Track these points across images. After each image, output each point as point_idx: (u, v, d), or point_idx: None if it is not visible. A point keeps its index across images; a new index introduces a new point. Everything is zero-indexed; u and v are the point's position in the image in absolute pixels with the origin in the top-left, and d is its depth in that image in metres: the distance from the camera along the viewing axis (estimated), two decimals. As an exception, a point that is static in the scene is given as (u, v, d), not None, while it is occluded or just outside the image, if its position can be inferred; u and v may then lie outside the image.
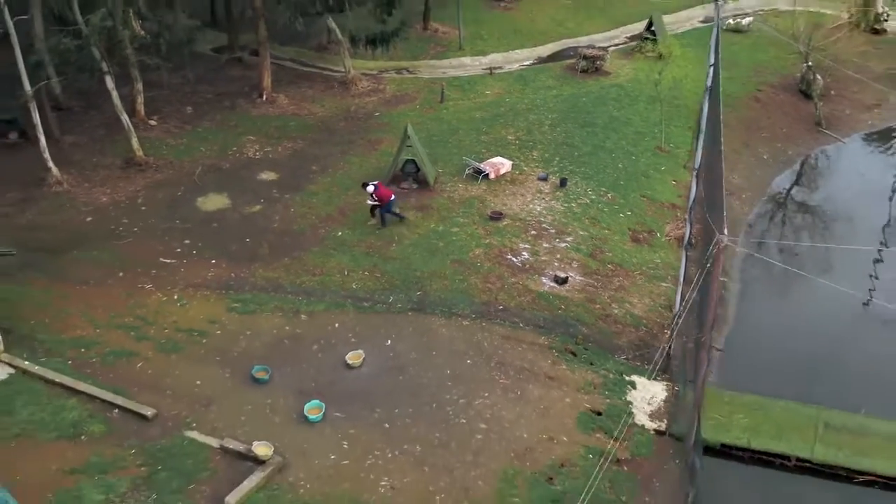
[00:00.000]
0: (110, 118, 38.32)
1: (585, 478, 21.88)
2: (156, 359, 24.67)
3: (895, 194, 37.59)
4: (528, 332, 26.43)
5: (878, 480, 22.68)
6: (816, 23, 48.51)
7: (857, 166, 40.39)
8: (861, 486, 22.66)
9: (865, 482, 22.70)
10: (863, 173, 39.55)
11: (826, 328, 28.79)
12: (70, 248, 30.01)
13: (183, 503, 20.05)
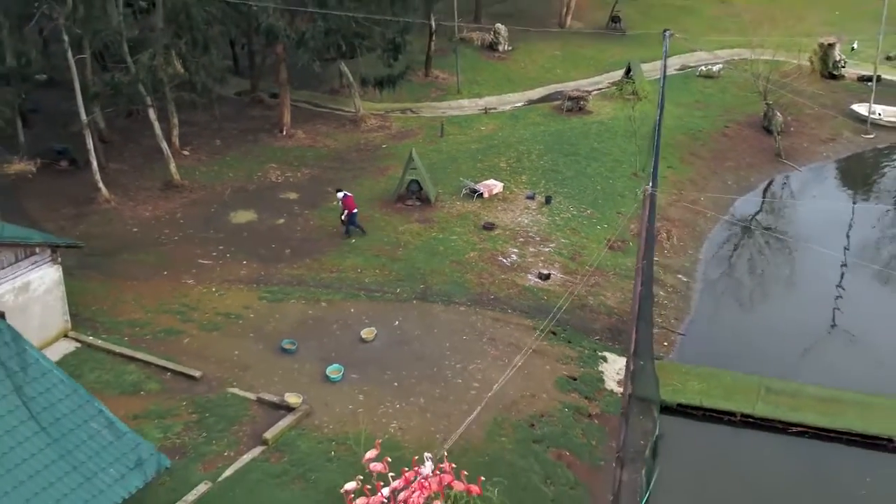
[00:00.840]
0: (148, 149, 43.06)
1: (562, 426, 26.11)
2: (199, 336, 28.93)
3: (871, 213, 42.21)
4: (515, 316, 30.73)
5: (807, 430, 26.80)
6: (780, 69, 53.55)
7: (811, 189, 45.05)
8: (794, 436, 26.77)
9: (797, 432, 26.82)
10: (814, 195, 44.21)
11: (772, 318, 33.24)
12: (120, 252, 34.42)
13: (228, 440, 24.16)
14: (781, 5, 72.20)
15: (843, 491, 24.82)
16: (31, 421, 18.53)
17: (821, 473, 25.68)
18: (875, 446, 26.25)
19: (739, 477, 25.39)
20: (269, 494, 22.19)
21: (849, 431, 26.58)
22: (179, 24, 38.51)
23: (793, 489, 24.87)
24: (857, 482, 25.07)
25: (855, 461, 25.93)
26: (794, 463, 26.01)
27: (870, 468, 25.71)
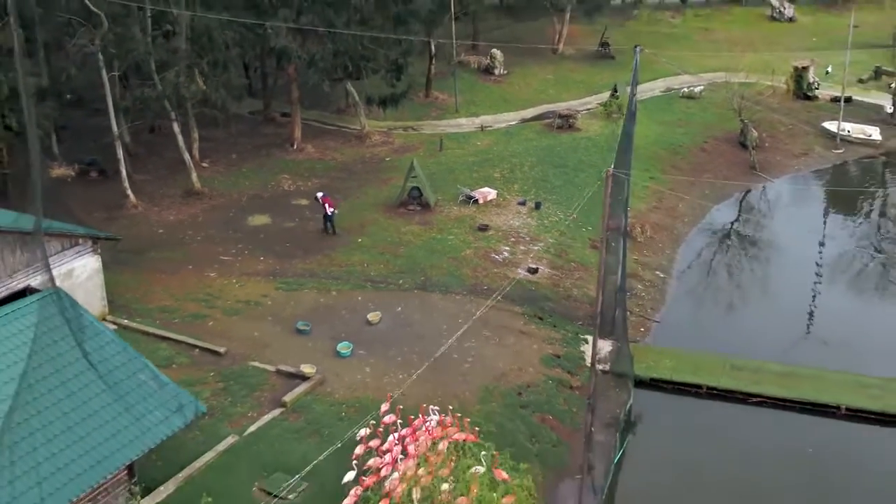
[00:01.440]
0: (169, 161, 46.44)
1: (546, 395, 29.20)
2: (223, 319, 32.10)
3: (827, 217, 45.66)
4: (506, 304, 33.79)
5: (767, 400, 29.90)
6: (756, 90, 57.14)
7: (782, 199, 48.42)
8: (754, 405, 29.86)
9: (758, 402, 29.91)
10: (786, 204, 47.57)
11: (738, 307, 36.58)
12: (148, 250, 37.65)
13: (251, 403, 27.26)
14: (761, 32, 76.37)
15: (797, 451, 27.86)
16: (90, 371, 21.62)
17: (777, 437, 28.71)
18: (825, 413, 29.37)
19: (705, 440, 28.49)
20: (288, 446, 25.26)
21: (802, 400, 29.73)
22: (202, 46, 41.98)
23: (753, 450, 27.88)
24: (808, 443, 28.15)
25: (807, 426, 29.01)
26: (754, 428, 29.07)
27: (820, 431, 28.82)
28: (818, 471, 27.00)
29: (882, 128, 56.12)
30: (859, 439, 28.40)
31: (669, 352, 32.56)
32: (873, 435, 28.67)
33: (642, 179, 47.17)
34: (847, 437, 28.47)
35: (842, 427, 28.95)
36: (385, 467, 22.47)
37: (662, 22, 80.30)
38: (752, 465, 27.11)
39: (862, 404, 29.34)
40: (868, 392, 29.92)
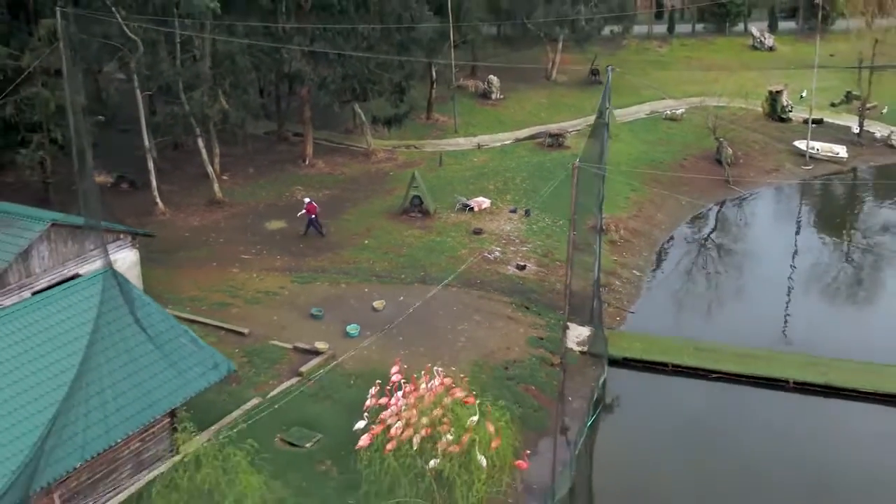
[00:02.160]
0: (192, 175, 50.57)
1: (530, 369, 33.03)
2: (245, 307, 35.99)
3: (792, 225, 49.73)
4: (496, 295, 37.83)
5: (725, 376, 33.70)
6: (733, 112, 61.33)
7: (753, 209, 52.47)
8: (714, 381, 33.64)
9: (717, 378, 33.70)
10: (755, 213, 51.62)
11: (704, 300, 40.55)
12: (177, 250, 41.61)
13: (272, 373, 31.13)
14: (743, 60, 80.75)
15: (749, 419, 31.61)
16: (141, 334, 25.48)
17: (733, 406, 32.47)
18: (775, 387, 33.15)
19: (670, 409, 32.25)
20: (305, 407, 29.09)
21: (755, 375, 33.54)
22: (224, 69, 46.22)
23: (711, 418, 31.67)
24: (760, 413, 31.91)
25: (759, 397, 32.79)
26: (713, 400, 32.88)
27: (772, 403, 32.57)
28: (764, 428, 30.79)
29: (849, 147, 60.20)
30: (804, 407, 32.20)
31: (641, 336, 36.44)
32: (817, 405, 32.46)
33: (624, 192, 51.37)
34: (792, 406, 32.25)
35: (790, 398, 32.74)
36: (391, 417, 26.28)
37: (650, 51, 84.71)
38: (711, 428, 30.92)
39: (808, 379, 33.16)
40: (815, 369, 33.69)
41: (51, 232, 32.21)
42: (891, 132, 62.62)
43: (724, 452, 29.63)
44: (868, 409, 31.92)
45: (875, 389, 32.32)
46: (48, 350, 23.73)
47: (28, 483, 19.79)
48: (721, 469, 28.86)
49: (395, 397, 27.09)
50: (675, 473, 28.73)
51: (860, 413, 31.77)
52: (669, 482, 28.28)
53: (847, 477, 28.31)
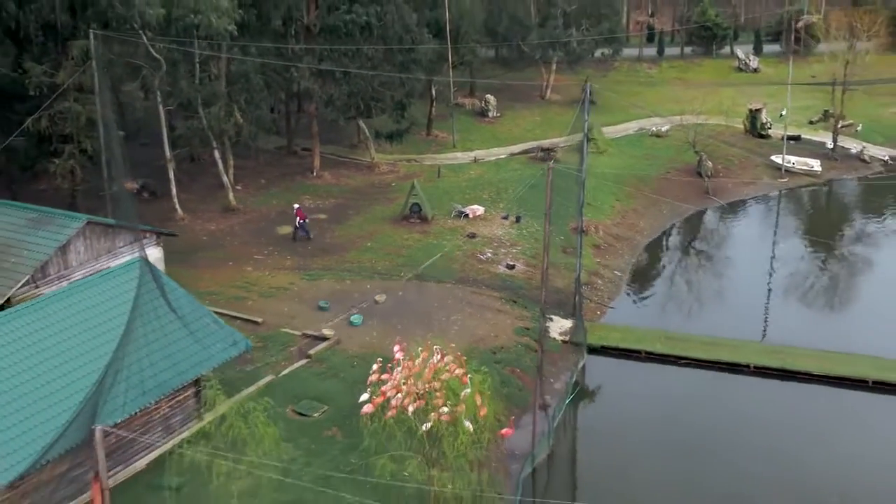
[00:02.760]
0: (207, 185, 54.17)
1: (516, 354, 36.40)
2: (258, 300, 39.43)
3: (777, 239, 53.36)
4: (487, 290, 41.24)
5: (691, 362, 37.03)
6: (715, 129, 65.02)
7: (729, 217, 55.96)
8: (682, 366, 36.96)
9: (685, 363, 37.03)
10: (730, 221, 55.05)
11: (676, 297, 43.98)
12: (195, 251, 45.10)
13: (284, 356, 34.49)
14: (729, 81, 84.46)
15: (712, 399, 34.91)
16: (171, 314, 28.92)
17: (699, 389, 35.78)
18: (738, 371, 36.48)
19: (641, 390, 35.57)
20: (313, 384, 32.48)
21: (719, 361, 36.88)
22: (239, 87, 49.94)
23: (679, 398, 34.96)
24: (723, 393, 35.22)
25: (721, 380, 36.12)
26: (681, 382, 36.17)
27: (733, 385, 35.88)
28: (725, 406, 34.12)
29: (823, 161, 63.74)
30: (762, 389, 35.51)
31: (619, 328, 39.84)
32: (774, 386, 35.77)
33: (609, 202, 54.93)
34: (752, 387, 35.56)
35: (749, 380, 36.05)
36: (391, 390, 29.57)
37: (640, 72, 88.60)
38: (678, 406, 34.21)
39: (766, 363, 36.50)
40: (773, 356, 37.04)
41: (86, 229, 35.77)
42: (863, 147, 66.25)
43: (689, 426, 32.91)
44: (818, 389, 35.25)
45: (825, 373, 35.65)
46: (94, 324, 27.27)
47: (88, 423, 23.19)
48: (684, 438, 32.13)
49: (395, 371, 30.40)
50: (643, 443, 31.99)
51: (811, 393, 35.10)
52: (638, 450, 31.54)
53: (796, 444, 31.60)
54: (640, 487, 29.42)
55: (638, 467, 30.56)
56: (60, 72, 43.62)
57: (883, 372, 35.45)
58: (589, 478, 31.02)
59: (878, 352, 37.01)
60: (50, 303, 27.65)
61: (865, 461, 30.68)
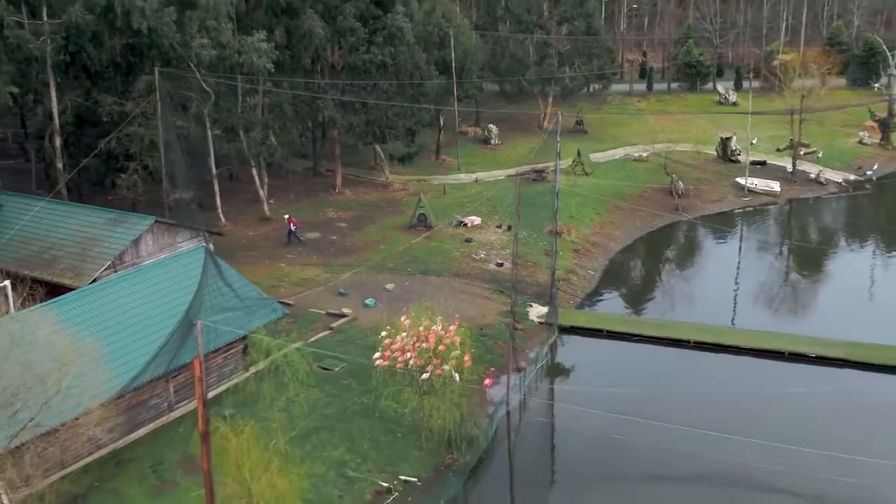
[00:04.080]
0: (246, 199, 62.22)
1: (500, 331, 43.98)
2: (290, 288, 47.22)
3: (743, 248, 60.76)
4: (479, 283, 48.92)
5: (643, 339, 44.49)
6: (689, 154, 72.71)
7: (693, 229, 63.50)
8: (637, 342, 44.39)
9: (639, 340, 44.47)
10: (697, 234, 62.66)
11: (639, 291, 51.48)
12: (237, 251, 52.97)
13: (311, 329, 42.20)
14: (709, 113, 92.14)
15: (658, 367, 42.32)
16: (227, 288, 36.73)
17: (647, 359, 43.18)
18: (681, 346, 43.88)
19: (599, 359, 43.07)
20: (334, 348, 40.12)
21: (666, 337, 44.32)
22: (274, 115, 58.17)
23: (631, 364, 42.39)
24: (667, 363, 42.65)
25: (668, 353, 43.55)
26: (636, 356, 43.57)
27: (676, 356, 43.29)
28: (668, 373, 41.55)
29: (783, 183, 71.24)
30: (699, 359, 42.90)
31: (586, 313, 47.49)
32: (710, 358, 43.12)
33: (590, 215, 62.65)
34: (690, 357, 42.99)
35: (690, 353, 43.45)
36: (397, 351, 37.15)
37: (630, 105, 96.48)
38: (629, 371, 41.62)
39: (705, 339, 43.89)
40: (711, 333, 44.44)
41: (153, 227, 43.80)
42: (819, 171, 73.70)
43: (640, 385, 40.26)
44: (744, 360, 42.60)
45: (751, 346, 43.04)
46: (167, 291, 35.20)
47: (168, 362, 30.99)
48: (635, 393, 39.43)
49: (400, 336, 38.05)
50: (599, 395, 39.40)
51: (738, 362, 42.45)
52: (594, 400, 38.95)
53: (719, 400, 38.95)
54: (592, 422, 36.77)
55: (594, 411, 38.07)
56: (129, 101, 51.96)
57: (797, 345, 42.83)
58: (548, 419, 38.59)
59: (795, 330, 44.55)
60: (138, 274, 35.74)
61: (768, 407, 38.01)
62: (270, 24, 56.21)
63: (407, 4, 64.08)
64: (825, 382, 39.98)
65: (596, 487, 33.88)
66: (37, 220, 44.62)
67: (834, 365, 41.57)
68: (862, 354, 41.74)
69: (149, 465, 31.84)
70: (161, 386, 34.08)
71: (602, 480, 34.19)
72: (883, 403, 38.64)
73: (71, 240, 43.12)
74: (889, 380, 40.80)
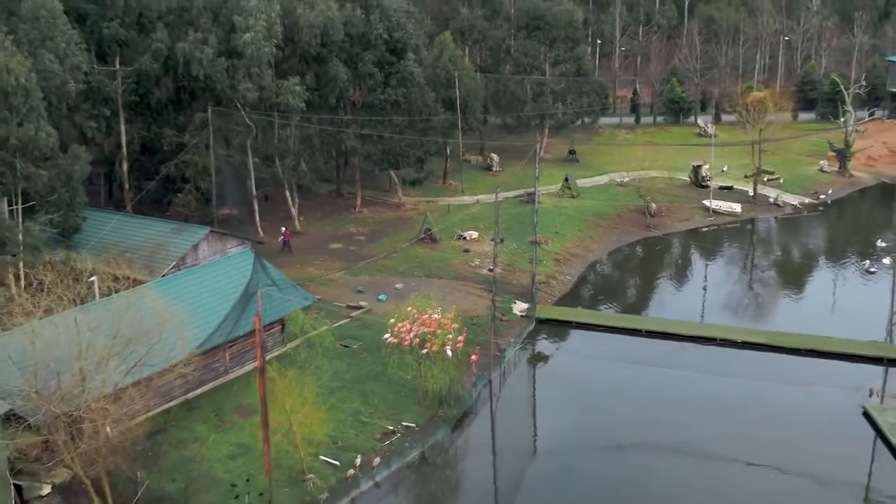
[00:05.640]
0: (280, 216, 71.54)
1: (486, 320, 52.95)
2: (317, 287, 56.18)
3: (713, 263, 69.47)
4: (473, 284, 57.98)
5: (604, 328, 53.30)
6: (668, 181, 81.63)
7: (664, 242, 72.41)
8: (598, 331, 53.21)
9: (600, 329, 53.29)
10: (663, 248, 71.57)
11: (610, 292, 60.48)
12: (274, 258, 61.95)
13: (334, 317, 51.25)
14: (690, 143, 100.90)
15: (614, 349, 51.14)
16: (270, 282, 45.92)
17: (606, 343, 52.00)
18: (635, 334, 52.68)
19: (566, 343, 51.96)
20: (353, 331, 49.27)
21: (625, 327, 53.14)
22: (304, 145, 67.69)
23: (592, 346, 51.26)
24: (623, 347, 51.47)
25: (623, 339, 52.37)
26: (595, 340, 52.42)
27: (630, 342, 52.07)
28: (622, 355, 50.38)
29: (745, 205, 79.97)
30: (648, 344, 51.64)
31: (560, 308, 56.48)
32: (657, 343, 51.85)
33: (572, 231, 71.67)
34: (642, 343, 51.78)
35: (643, 340, 52.22)
36: (404, 333, 46.11)
37: (619, 136, 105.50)
38: (590, 351, 50.45)
39: (656, 329, 52.66)
40: (660, 324, 53.24)
41: (209, 236, 53.17)
42: (778, 195, 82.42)
43: (592, 358, 49.15)
44: (686, 345, 51.30)
45: (692, 334, 51.80)
46: (222, 282, 44.45)
47: (225, 335, 40.11)
48: (593, 366, 48.38)
49: (407, 321, 47.07)
50: (564, 367, 48.32)
51: (681, 347, 51.15)
52: (559, 372, 47.89)
53: (666, 375, 47.72)
54: (556, 386, 45.60)
55: (556, 380, 47.05)
56: (185, 134, 61.67)
57: (728, 333, 51.57)
58: (524, 386, 47.47)
59: (731, 323, 53.48)
60: (201, 270, 45.07)
61: (694, 381, 46.74)
62: (303, 70, 65.91)
63: (417, 52, 73.56)
64: (746, 363, 48.78)
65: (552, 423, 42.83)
66: (115, 230, 54.16)
67: (756, 349, 50.30)
68: (779, 340, 50.44)
69: (211, 410, 41.01)
70: (220, 353, 43.25)
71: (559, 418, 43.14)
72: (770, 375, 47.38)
73: (143, 245, 52.55)
74: (795, 359, 49.41)
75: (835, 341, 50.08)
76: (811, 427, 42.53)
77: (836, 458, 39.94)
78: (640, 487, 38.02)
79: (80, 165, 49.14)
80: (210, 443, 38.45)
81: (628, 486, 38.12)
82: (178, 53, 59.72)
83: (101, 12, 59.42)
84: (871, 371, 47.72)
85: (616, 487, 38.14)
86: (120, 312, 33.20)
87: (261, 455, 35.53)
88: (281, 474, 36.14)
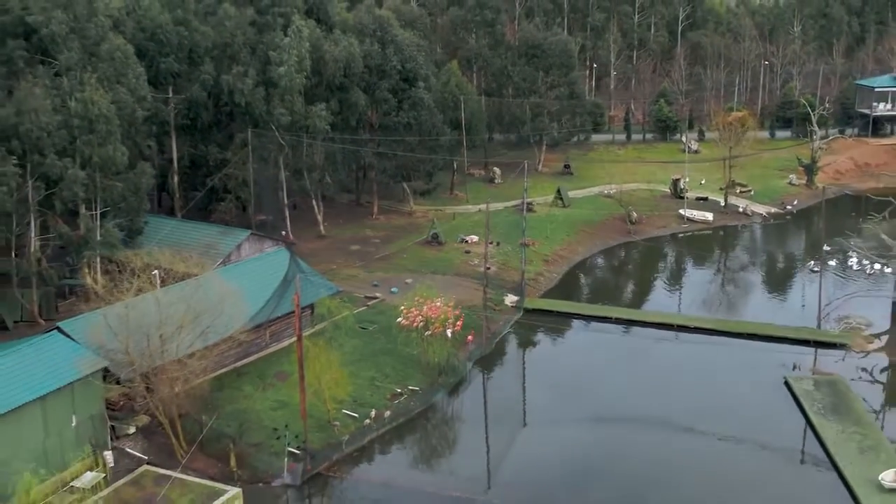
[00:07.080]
0: (305, 222, 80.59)
1: (481, 309, 61.77)
2: (338, 281, 64.86)
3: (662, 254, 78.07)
4: (471, 279, 66.79)
5: (581, 316, 61.99)
6: (651, 192, 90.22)
7: (642, 246, 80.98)
8: (576, 318, 61.92)
9: (577, 317, 61.99)
10: (641, 251, 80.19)
11: (591, 287, 69.25)
12: (302, 257, 71.33)
13: (353, 306, 60.17)
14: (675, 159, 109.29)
15: (586, 333, 59.83)
16: (302, 274, 54.86)
17: (581, 329, 60.70)
18: (606, 321, 61.33)
19: (548, 327, 60.70)
20: (369, 316, 58.18)
21: (596, 315, 61.79)
22: (328, 161, 76.80)
23: (570, 330, 59.98)
24: (594, 331, 60.13)
25: (596, 325, 61.02)
26: (576, 327, 61.13)
27: (602, 328, 60.71)
28: (594, 338, 59.06)
29: (716, 214, 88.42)
30: (616, 330, 60.27)
31: (545, 300, 65.19)
32: (629, 330, 60.48)
33: (561, 236, 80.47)
34: (610, 328, 60.42)
35: (613, 326, 60.87)
36: (413, 317, 54.87)
37: (611, 152, 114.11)
38: (568, 334, 59.16)
39: (624, 317, 61.29)
40: (629, 313, 61.90)
41: (250, 237, 62.26)
42: (747, 205, 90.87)
43: (573, 341, 57.81)
44: (649, 331, 59.90)
45: (655, 321, 60.40)
46: (261, 275, 53.50)
47: (268, 315, 49.11)
48: (568, 345, 57.05)
49: (414, 308, 55.91)
50: (544, 346, 57.02)
51: (645, 332, 59.75)
52: (540, 351, 56.59)
53: (631, 354, 56.36)
54: (537, 359, 54.24)
55: (537, 354, 55.74)
56: (228, 151, 70.93)
57: (684, 321, 60.17)
58: (511, 359, 56.25)
59: (686, 312, 62.01)
60: (244, 264, 54.18)
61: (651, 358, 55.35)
62: (328, 97, 75.10)
63: (427, 80, 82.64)
64: (696, 345, 57.41)
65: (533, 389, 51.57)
66: (170, 232, 63.34)
67: (706, 333, 58.86)
68: (726, 326, 59.04)
69: (256, 375, 49.99)
70: (262, 331, 52.26)
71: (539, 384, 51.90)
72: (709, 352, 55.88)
73: (195, 245, 61.50)
74: (738, 342, 57.86)
75: (772, 327, 58.60)
76: (745, 396, 50.97)
77: (761, 418, 48.44)
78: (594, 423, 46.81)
79: (146, 178, 58.33)
80: (256, 399, 47.41)
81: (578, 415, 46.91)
82: (223, 84, 69.01)
83: (158, 49, 68.66)
84: (801, 351, 56.30)
85: (574, 415, 46.99)
86: (191, 293, 42.28)
87: (296, 409, 44.46)
88: (312, 422, 44.97)
